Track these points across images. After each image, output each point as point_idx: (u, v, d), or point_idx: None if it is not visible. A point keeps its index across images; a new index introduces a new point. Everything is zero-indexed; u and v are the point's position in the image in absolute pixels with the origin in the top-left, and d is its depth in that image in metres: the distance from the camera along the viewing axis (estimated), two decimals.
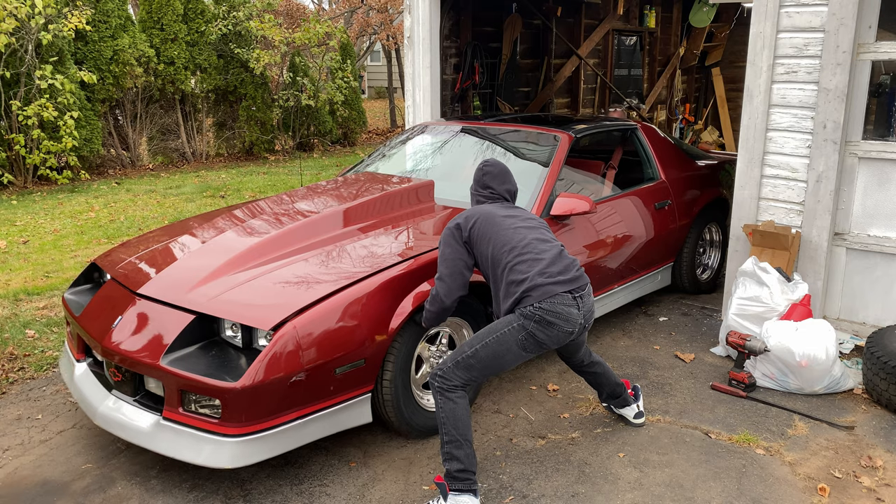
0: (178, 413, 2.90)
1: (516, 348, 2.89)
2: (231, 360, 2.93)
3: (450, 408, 2.81)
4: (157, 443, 2.91)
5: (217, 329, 3.10)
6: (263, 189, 9.70)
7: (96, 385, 3.27)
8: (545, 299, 2.85)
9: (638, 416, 3.51)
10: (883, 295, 4.28)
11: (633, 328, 4.78)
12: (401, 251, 3.43)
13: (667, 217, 4.89)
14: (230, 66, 12.30)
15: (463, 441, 2.78)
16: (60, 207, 8.46)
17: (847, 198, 4.29)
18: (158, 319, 3.08)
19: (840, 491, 3.01)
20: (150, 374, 2.95)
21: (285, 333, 2.85)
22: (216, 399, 2.80)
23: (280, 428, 2.88)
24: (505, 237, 2.98)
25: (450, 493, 2.77)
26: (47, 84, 9.05)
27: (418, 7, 6.15)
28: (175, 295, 3.15)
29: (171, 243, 3.76)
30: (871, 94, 4.19)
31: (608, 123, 5.06)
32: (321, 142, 14.25)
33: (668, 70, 10.88)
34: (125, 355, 3.01)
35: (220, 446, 2.81)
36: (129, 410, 3.05)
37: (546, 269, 2.90)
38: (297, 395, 2.88)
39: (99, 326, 3.22)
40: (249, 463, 2.85)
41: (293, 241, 3.51)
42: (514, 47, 8.81)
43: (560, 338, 2.92)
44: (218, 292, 3.11)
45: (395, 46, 19.91)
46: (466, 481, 2.77)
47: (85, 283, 3.88)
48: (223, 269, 3.28)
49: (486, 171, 3.24)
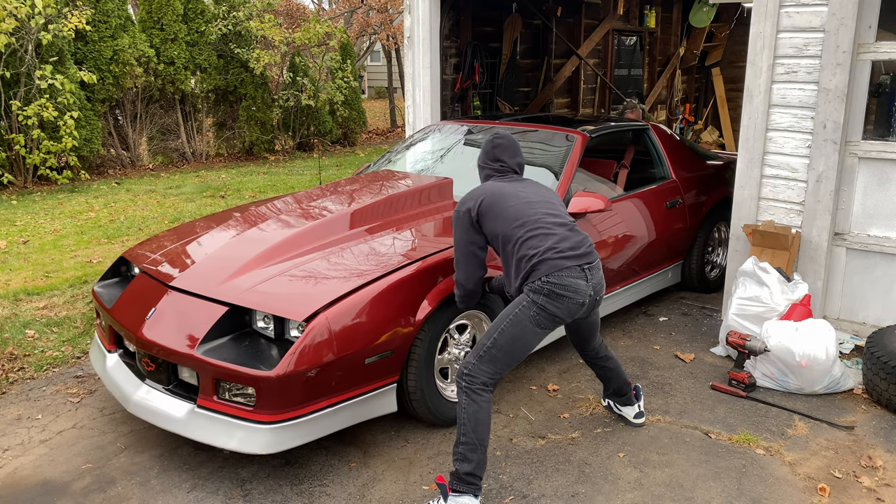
0: (212, 401, 2.99)
1: (531, 326, 2.86)
2: (263, 351, 3.02)
3: (473, 409, 2.78)
4: (191, 430, 3.00)
5: (249, 320, 3.18)
6: (263, 189, 9.70)
7: (129, 375, 3.36)
8: (553, 272, 2.84)
9: (638, 415, 3.52)
10: (883, 295, 4.28)
11: (633, 328, 4.78)
12: (424, 246, 3.55)
13: (678, 216, 5.01)
14: (230, 66, 12.30)
15: (479, 445, 2.76)
16: (60, 207, 8.46)
17: (847, 198, 4.29)
18: (192, 311, 3.18)
19: (840, 491, 3.01)
20: (186, 363, 3.04)
21: (318, 324, 2.94)
22: (251, 387, 2.89)
23: (312, 416, 2.97)
24: (514, 212, 2.96)
25: (450, 494, 2.76)
26: (47, 84, 9.04)
27: (418, 7, 6.15)
28: (208, 287, 3.25)
29: (199, 238, 3.86)
30: (871, 94, 4.19)
31: (621, 124, 5.17)
32: (321, 142, 14.25)
33: (668, 70, 10.89)
34: (160, 346, 3.09)
35: (253, 433, 2.90)
36: (163, 399, 3.14)
37: (557, 245, 2.89)
38: (328, 384, 2.98)
39: (133, 318, 3.31)
40: (281, 449, 2.92)
41: (321, 236, 3.62)
42: (514, 47, 8.81)
43: (572, 309, 2.90)
44: (250, 285, 3.21)
45: (395, 46, 19.91)
46: (472, 485, 2.76)
47: (112, 276, 3.97)
48: (254, 262, 3.38)
49: (496, 144, 3.20)
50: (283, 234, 3.59)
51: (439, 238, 3.67)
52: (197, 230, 4.03)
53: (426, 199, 4.10)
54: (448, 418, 3.44)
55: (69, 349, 4.42)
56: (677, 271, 5.28)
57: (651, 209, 4.77)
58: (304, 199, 4.27)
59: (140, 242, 4.10)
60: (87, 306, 5.10)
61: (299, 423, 2.94)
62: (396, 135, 17.57)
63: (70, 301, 5.21)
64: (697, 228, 5.22)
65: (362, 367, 3.06)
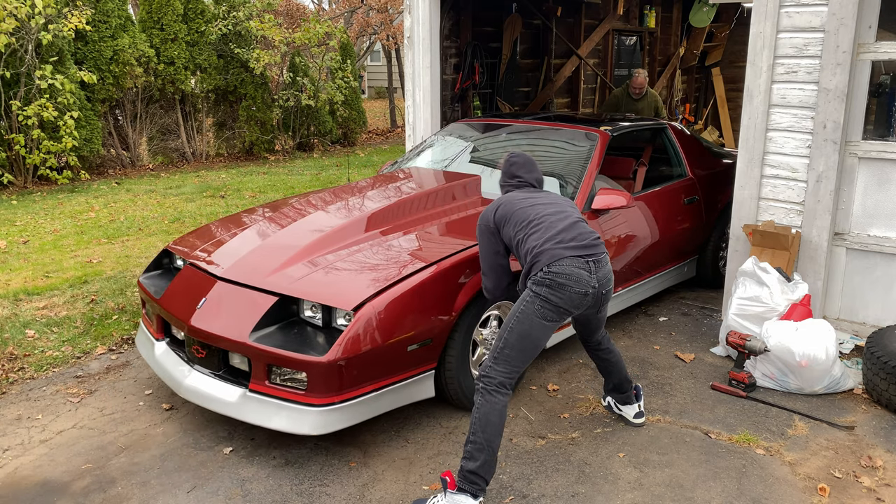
0: (264, 385, 3.16)
1: (538, 320, 2.90)
2: (311, 338, 3.18)
3: (485, 410, 2.81)
4: (244, 413, 3.17)
5: (296, 310, 3.35)
6: (263, 189, 9.69)
7: (178, 361, 3.53)
8: (553, 262, 2.89)
9: (638, 415, 3.52)
10: (883, 295, 4.27)
11: (633, 328, 4.78)
12: (460, 240, 3.71)
13: (695, 212, 5.19)
14: (230, 66, 12.30)
15: (486, 446, 2.77)
16: (60, 207, 8.46)
17: (847, 198, 4.29)
18: (242, 301, 3.33)
19: (840, 491, 3.01)
20: (238, 350, 3.20)
21: (365, 313, 3.10)
22: (303, 372, 3.06)
23: (358, 399, 3.13)
24: (522, 214, 3.09)
25: (449, 491, 2.77)
26: (47, 84, 9.04)
27: (418, 7, 6.15)
28: (257, 278, 3.41)
29: (240, 232, 4.01)
30: (871, 94, 4.19)
31: (641, 123, 5.32)
32: (321, 142, 14.25)
33: (668, 70, 10.88)
34: (213, 334, 3.25)
35: (304, 415, 3.07)
36: (214, 384, 3.31)
37: (557, 236, 2.96)
38: (373, 369, 3.14)
39: (183, 307, 3.47)
40: (329, 430, 3.08)
41: (363, 229, 3.81)
42: (514, 47, 8.80)
43: (575, 300, 2.92)
44: (299, 276, 3.37)
45: (395, 46, 19.91)
46: (474, 485, 2.75)
47: (155, 269, 4.17)
48: (300, 255, 3.54)
49: (513, 163, 3.38)
50: (326, 228, 3.78)
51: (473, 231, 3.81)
52: (236, 224, 4.21)
53: (458, 195, 4.29)
54: None
55: (69, 349, 4.42)
56: (693, 266, 5.44)
57: (670, 206, 4.95)
58: (344, 193, 4.46)
59: (180, 236, 4.29)
60: (87, 306, 5.10)
61: (346, 407, 3.10)
62: (396, 135, 17.56)
63: (70, 301, 5.21)
64: (713, 224, 5.38)
65: (405, 354, 3.23)
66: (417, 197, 4.13)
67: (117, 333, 4.66)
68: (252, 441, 3.40)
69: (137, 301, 5.21)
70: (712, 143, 6.23)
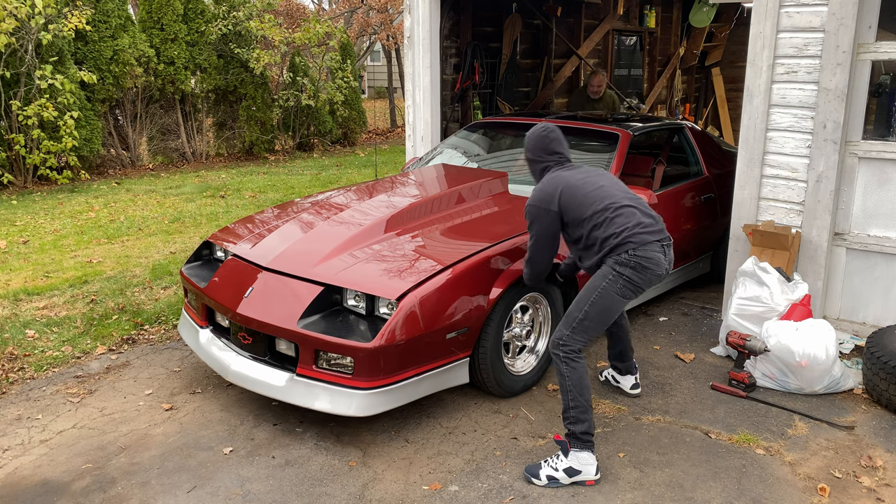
0: (311, 370, 3.31)
1: (618, 297, 3.14)
2: (355, 326, 3.33)
3: (576, 376, 3.06)
4: (292, 396, 3.33)
5: (339, 299, 3.50)
6: (263, 189, 9.70)
7: (224, 348, 3.69)
8: (640, 247, 3.10)
9: (634, 386, 3.80)
10: (883, 295, 4.27)
11: (633, 328, 4.78)
12: (496, 233, 3.86)
13: (711, 209, 5.35)
14: (230, 66, 12.30)
15: (587, 406, 3.05)
16: (60, 207, 8.46)
17: (847, 198, 4.29)
18: (288, 290, 3.48)
19: (840, 491, 3.01)
20: (286, 336, 3.34)
21: (408, 302, 3.25)
22: (349, 357, 3.22)
23: (400, 383, 3.29)
24: (594, 197, 3.19)
25: (571, 450, 3.03)
26: (47, 84, 9.04)
27: (418, 7, 6.15)
28: (302, 269, 3.56)
29: (284, 224, 4.14)
30: (871, 94, 4.19)
31: (660, 123, 5.46)
32: (321, 142, 14.25)
33: (668, 70, 10.88)
34: (261, 321, 3.40)
35: (350, 398, 3.22)
36: (262, 369, 3.46)
37: (641, 221, 3.16)
38: (415, 355, 3.30)
39: (230, 296, 3.62)
40: (374, 413, 3.22)
41: (403, 222, 3.97)
42: (514, 47, 8.80)
43: (653, 280, 3.18)
44: (343, 266, 3.53)
45: (395, 46, 19.91)
46: (589, 443, 3.04)
47: (196, 259, 4.31)
48: (343, 246, 3.69)
49: (553, 138, 3.37)
50: (366, 221, 3.92)
51: (506, 227, 3.96)
52: (274, 217, 4.35)
53: (490, 190, 4.48)
54: (510, 390, 3.76)
55: (69, 349, 4.42)
56: (708, 261, 5.59)
57: (689, 202, 5.12)
58: (381, 188, 4.61)
59: (220, 229, 4.42)
60: (87, 306, 5.10)
61: (389, 390, 3.25)
62: (396, 135, 17.57)
63: (70, 301, 5.22)
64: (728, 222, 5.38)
65: (443, 342, 3.38)
66: (452, 192, 4.30)
67: (117, 333, 4.66)
68: (252, 441, 3.40)
69: (137, 301, 5.21)
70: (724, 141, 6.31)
